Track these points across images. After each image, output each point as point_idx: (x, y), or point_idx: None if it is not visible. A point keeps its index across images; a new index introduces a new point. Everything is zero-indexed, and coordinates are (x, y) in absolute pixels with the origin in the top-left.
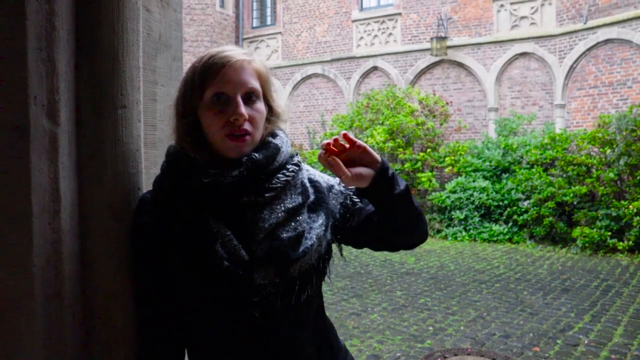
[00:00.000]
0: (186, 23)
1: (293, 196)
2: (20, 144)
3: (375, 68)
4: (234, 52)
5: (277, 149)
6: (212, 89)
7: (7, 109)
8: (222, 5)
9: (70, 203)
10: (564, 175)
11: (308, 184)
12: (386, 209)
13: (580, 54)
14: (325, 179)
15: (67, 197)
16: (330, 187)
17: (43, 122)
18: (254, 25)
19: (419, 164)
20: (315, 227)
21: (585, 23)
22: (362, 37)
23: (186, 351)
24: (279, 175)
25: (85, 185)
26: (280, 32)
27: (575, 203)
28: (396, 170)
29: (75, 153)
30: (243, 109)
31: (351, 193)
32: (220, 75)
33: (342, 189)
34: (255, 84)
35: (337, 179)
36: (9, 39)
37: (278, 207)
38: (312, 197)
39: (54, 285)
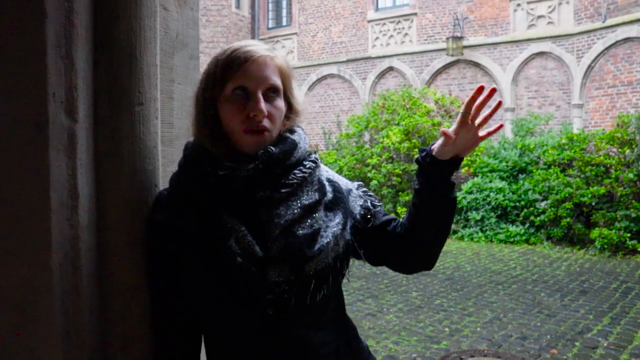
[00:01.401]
0: (202, 24)
1: (309, 193)
2: (39, 140)
3: (391, 68)
4: (257, 47)
5: (295, 144)
6: (234, 82)
7: (27, 105)
8: (238, 7)
9: (88, 199)
10: (582, 176)
11: (326, 183)
12: (433, 194)
13: (598, 53)
14: (344, 182)
15: (84, 194)
16: (349, 190)
17: (62, 119)
18: (270, 26)
19: None
20: (332, 226)
21: (604, 22)
22: (377, 38)
23: (204, 346)
24: (296, 171)
25: (102, 181)
26: (295, 33)
27: (593, 204)
28: (412, 171)
29: (93, 149)
30: (263, 105)
31: (372, 197)
32: (243, 70)
33: (361, 193)
34: (276, 80)
35: (356, 184)
36: (29, 36)
37: (294, 203)
38: (329, 195)
39: (71, 280)
